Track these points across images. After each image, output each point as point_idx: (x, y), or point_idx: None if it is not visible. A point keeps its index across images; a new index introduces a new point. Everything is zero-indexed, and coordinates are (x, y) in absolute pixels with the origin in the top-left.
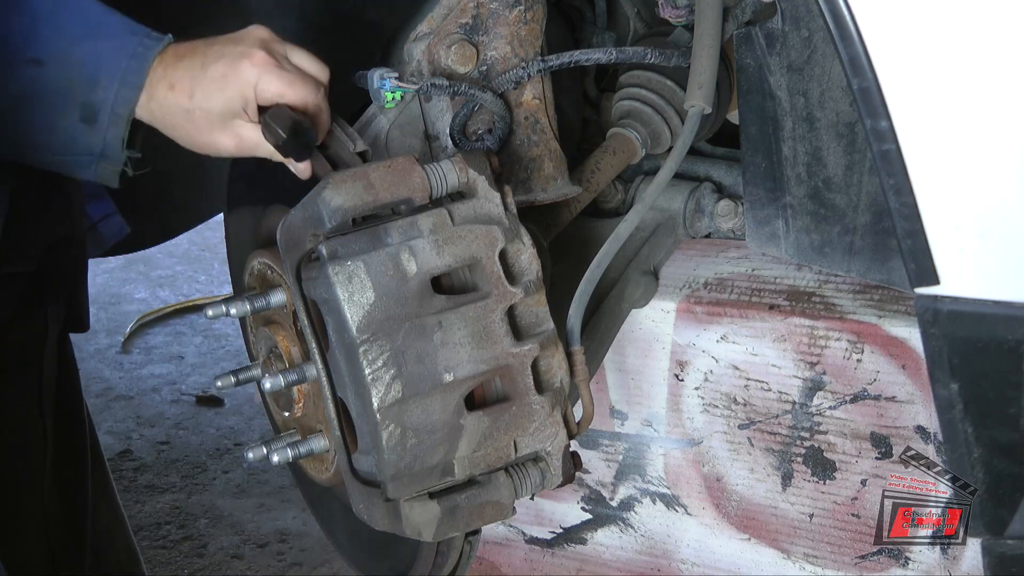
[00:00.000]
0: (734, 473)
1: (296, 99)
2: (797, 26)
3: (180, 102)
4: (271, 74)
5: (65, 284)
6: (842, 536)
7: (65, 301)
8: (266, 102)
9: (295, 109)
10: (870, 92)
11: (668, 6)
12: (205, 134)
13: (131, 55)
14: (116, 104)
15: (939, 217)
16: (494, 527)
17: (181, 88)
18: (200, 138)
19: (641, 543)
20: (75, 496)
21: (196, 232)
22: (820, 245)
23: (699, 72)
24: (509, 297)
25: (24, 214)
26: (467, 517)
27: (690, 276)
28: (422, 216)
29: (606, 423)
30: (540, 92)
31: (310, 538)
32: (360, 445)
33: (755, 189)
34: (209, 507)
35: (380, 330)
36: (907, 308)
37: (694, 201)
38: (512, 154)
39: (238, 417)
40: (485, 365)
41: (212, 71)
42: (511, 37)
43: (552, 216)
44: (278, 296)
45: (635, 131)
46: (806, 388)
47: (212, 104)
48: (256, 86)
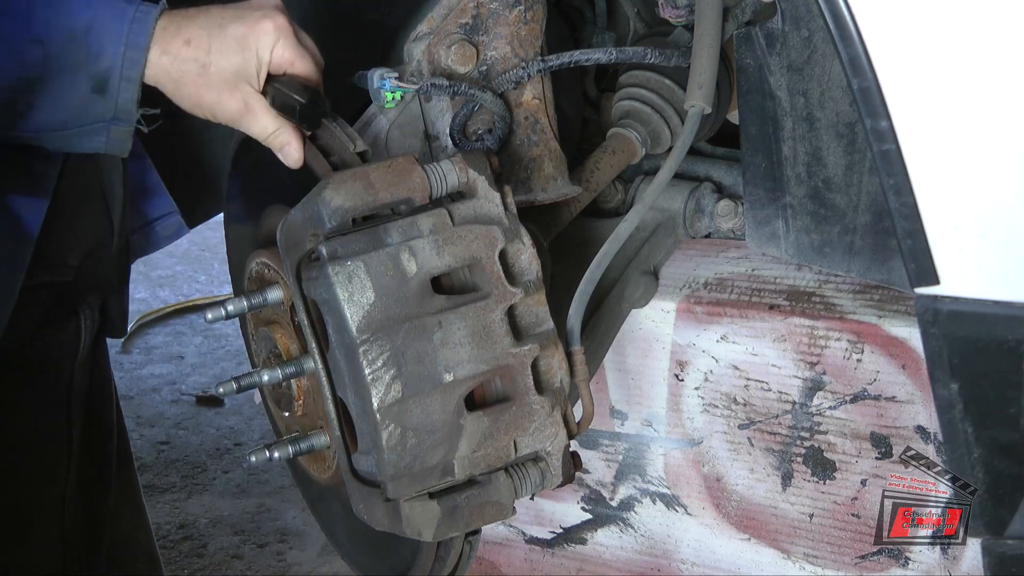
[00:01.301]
0: (734, 473)
1: (306, 71)
2: (797, 26)
3: (197, 56)
4: (289, 40)
5: (101, 292)
6: (842, 536)
7: (101, 308)
8: (277, 69)
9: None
10: (870, 92)
11: (668, 6)
12: (213, 92)
13: (131, 19)
14: (125, 68)
15: (939, 217)
16: (494, 527)
17: (198, 44)
18: (207, 96)
19: (641, 543)
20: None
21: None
22: (820, 245)
23: (699, 72)
24: (509, 297)
25: (62, 224)
26: (467, 517)
27: (690, 276)
28: (422, 216)
29: (606, 423)
30: (540, 92)
31: (310, 538)
32: (360, 445)
33: (755, 189)
34: (209, 507)
35: (380, 330)
36: (907, 308)
37: (694, 201)
38: (512, 154)
39: (238, 417)
40: (485, 365)
41: (232, 30)
42: (511, 37)
43: (552, 216)
44: (275, 293)
45: (635, 131)
46: (806, 388)
47: (228, 62)
48: (274, 49)
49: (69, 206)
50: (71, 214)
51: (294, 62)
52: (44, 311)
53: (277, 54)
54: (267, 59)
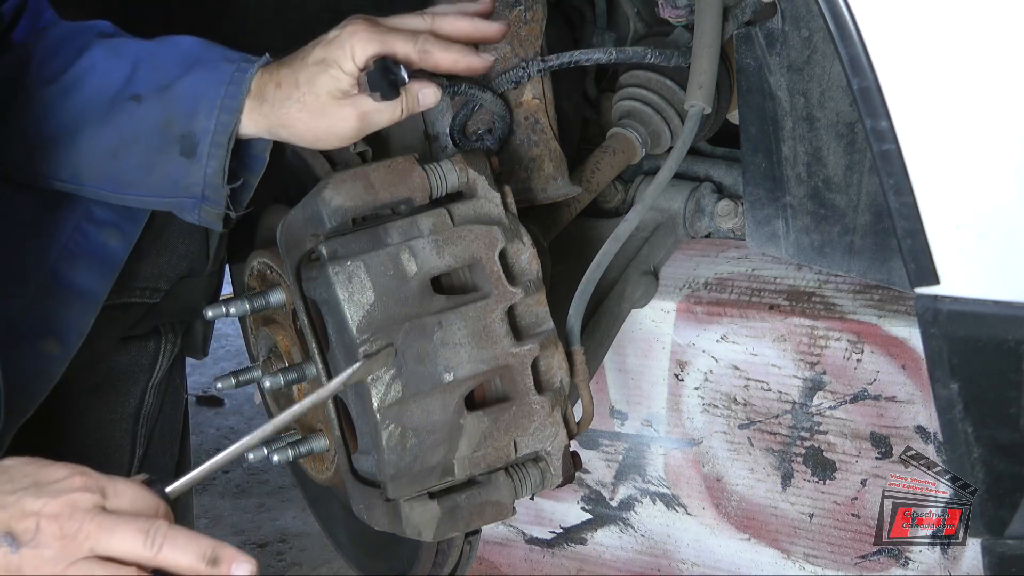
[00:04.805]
0: (734, 473)
1: (404, 50)
2: (797, 26)
3: (289, 93)
4: (363, 35)
5: (187, 315)
6: (842, 536)
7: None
8: (366, 66)
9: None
10: (870, 92)
11: (668, 6)
12: (322, 118)
13: (228, 82)
14: (216, 132)
15: (939, 217)
16: (494, 527)
17: (288, 81)
18: (319, 124)
19: (641, 543)
20: None
21: None
22: (820, 245)
23: (699, 72)
24: (509, 297)
25: (159, 248)
26: (467, 517)
27: (690, 276)
28: (422, 216)
29: (606, 423)
30: (540, 92)
31: (310, 538)
32: (360, 445)
33: (755, 189)
34: (209, 507)
35: (380, 330)
36: (907, 308)
37: (694, 201)
38: (512, 154)
39: (238, 417)
40: (485, 365)
41: (312, 57)
42: (511, 37)
43: (552, 216)
44: (277, 295)
45: (635, 131)
46: (806, 388)
47: (319, 86)
48: (354, 54)
49: (168, 232)
50: (169, 239)
51: (379, 51)
52: (126, 329)
53: (357, 53)
54: (351, 67)
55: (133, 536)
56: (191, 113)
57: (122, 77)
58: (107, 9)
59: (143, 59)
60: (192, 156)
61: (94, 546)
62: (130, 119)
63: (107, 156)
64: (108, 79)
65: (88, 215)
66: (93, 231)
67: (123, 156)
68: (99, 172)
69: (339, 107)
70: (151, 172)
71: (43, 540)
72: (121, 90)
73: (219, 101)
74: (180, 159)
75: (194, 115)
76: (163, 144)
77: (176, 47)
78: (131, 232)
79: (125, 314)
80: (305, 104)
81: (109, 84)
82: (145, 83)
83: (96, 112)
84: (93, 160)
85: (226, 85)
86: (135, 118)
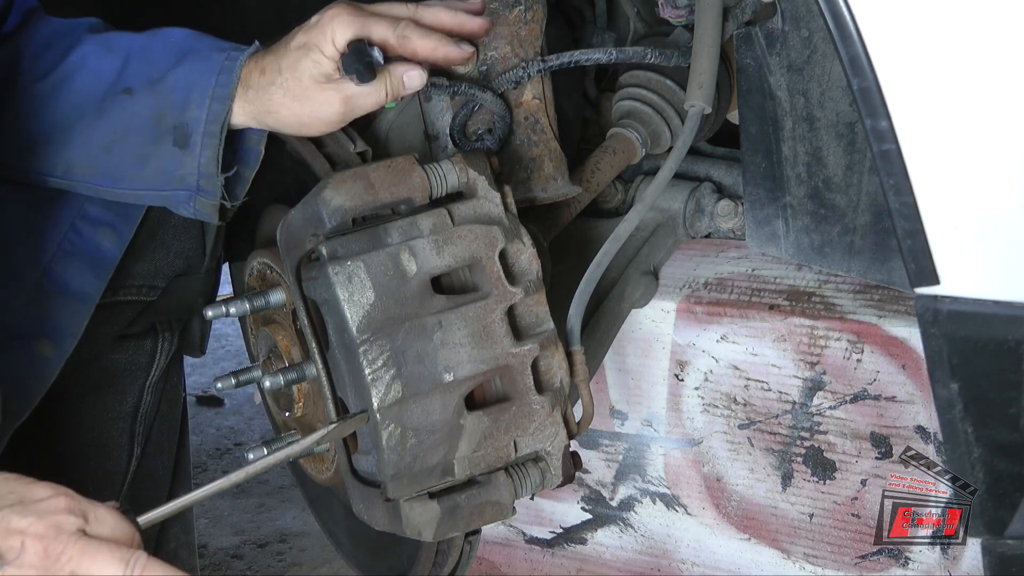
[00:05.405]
0: (734, 473)
1: (382, 36)
2: (797, 26)
3: (272, 79)
4: (344, 18)
5: (184, 313)
6: (842, 536)
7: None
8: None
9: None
10: (870, 92)
11: (668, 6)
12: (306, 102)
13: (219, 71)
14: (208, 121)
15: (939, 217)
16: (494, 527)
17: (271, 69)
18: (303, 109)
19: (641, 543)
20: None
21: None
22: (820, 245)
23: (699, 72)
24: (509, 297)
25: (154, 245)
26: (467, 517)
27: (690, 276)
28: (422, 216)
29: (606, 423)
30: (540, 92)
31: (310, 538)
32: (360, 445)
33: (755, 189)
34: (209, 507)
35: (380, 330)
36: (907, 308)
37: (694, 201)
38: (512, 154)
39: (238, 417)
40: (485, 365)
41: (294, 43)
42: (511, 37)
43: (552, 216)
44: (277, 295)
45: (635, 131)
46: (806, 388)
47: (301, 71)
48: (335, 37)
49: (163, 229)
50: (164, 237)
51: (359, 34)
52: (122, 328)
53: (337, 37)
54: (331, 50)
55: (114, 564)
56: (183, 104)
57: (114, 71)
58: (107, 10)
59: (134, 52)
60: (185, 146)
61: (75, 569)
62: (123, 112)
63: (101, 151)
64: (99, 74)
65: (83, 214)
66: (88, 230)
67: (117, 150)
68: (93, 167)
69: (322, 91)
70: (145, 165)
71: (27, 560)
72: (113, 84)
73: (210, 90)
74: (174, 150)
75: (186, 105)
76: (156, 136)
77: (167, 39)
78: (125, 231)
79: (121, 312)
80: (288, 89)
81: (101, 79)
82: (137, 76)
83: (88, 107)
84: (87, 155)
85: (216, 74)
86: (128, 111)
